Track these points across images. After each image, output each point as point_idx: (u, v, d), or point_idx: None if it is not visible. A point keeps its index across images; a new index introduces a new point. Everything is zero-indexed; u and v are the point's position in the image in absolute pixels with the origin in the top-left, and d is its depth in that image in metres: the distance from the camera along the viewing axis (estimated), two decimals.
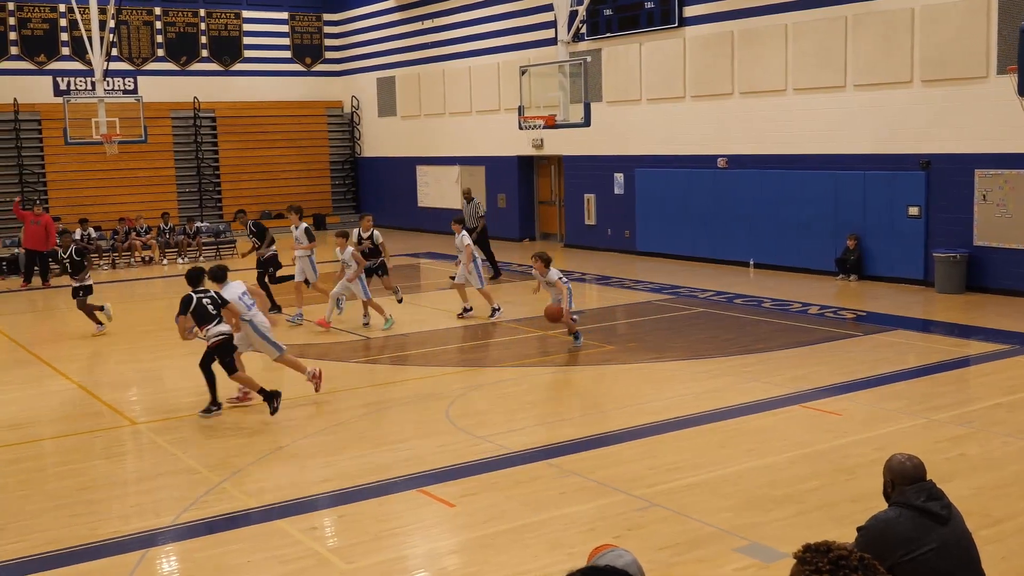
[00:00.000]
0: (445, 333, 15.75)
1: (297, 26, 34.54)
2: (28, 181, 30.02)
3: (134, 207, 28.62)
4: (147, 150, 29.06)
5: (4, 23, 29.92)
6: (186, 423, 11.09)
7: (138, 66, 31.76)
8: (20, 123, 29.90)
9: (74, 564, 7.34)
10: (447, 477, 8.97)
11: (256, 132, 33.22)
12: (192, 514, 8.23)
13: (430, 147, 31.29)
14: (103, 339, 15.97)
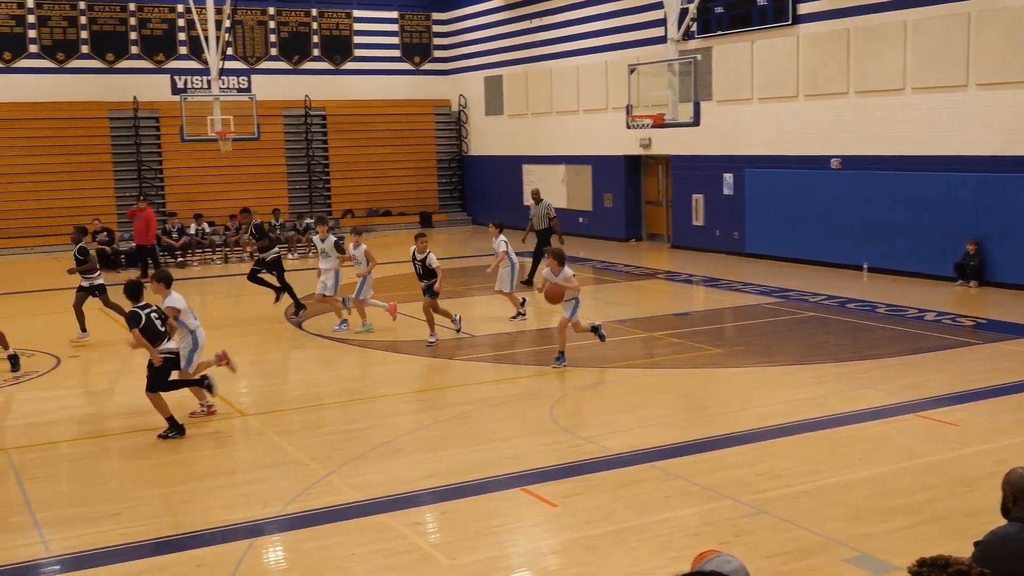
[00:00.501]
0: (549, 332, 15.67)
1: (406, 25, 34.92)
2: (146, 177, 30.99)
3: (246, 203, 29.26)
4: (259, 147, 29.72)
5: (125, 23, 30.95)
6: (294, 416, 11.26)
7: (252, 65, 32.51)
8: (139, 120, 30.88)
9: (185, 550, 7.50)
10: (550, 477, 8.91)
11: (365, 130, 33.70)
12: (298, 505, 8.34)
13: (536, 146, 31.28)
14: (214, 332, 16.29)
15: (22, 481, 9.11)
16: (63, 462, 9.99)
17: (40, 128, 29.54)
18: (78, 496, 8.75)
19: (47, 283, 22.72)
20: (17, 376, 13.24)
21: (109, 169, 30.57)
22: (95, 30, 30.54)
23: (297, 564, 7.31)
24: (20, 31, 29.73)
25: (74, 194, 29.37)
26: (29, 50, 29.84)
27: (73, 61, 30.37)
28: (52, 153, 29.54)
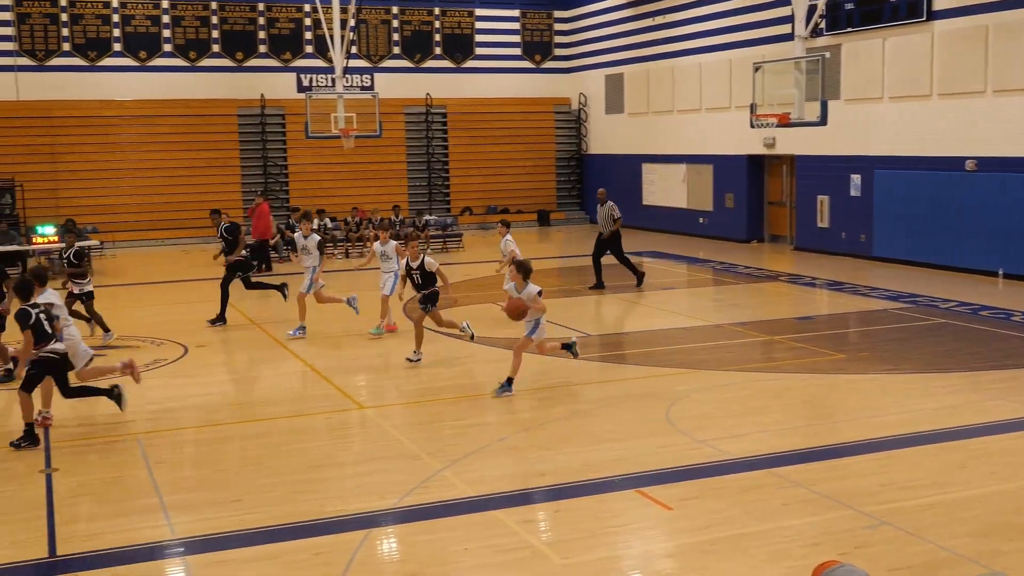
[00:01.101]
0: (667, 333, 15.48)
1: (528, 23, 34.99)
2: (271, 173, 31.81)
3: (367, 199, 29.78)
4: (381, 144, 30.16)
5: (254, 23, 31.82)
6: (410, 410, 11.36)
7: (375, 63, 33.04)
8: (266, 117, 31.70)
9: (302, 538, 7.62)
10: (666, 479, 8.77)
11: (485, 128, 33.90)
12: (413, 499, 8.39)
13: (657, 145, 30.97)
14: (333, 328, 16.58)
15: (150, 465, 9.40)
16: (188, 448, 10.29)
17: (172, 124, 30.61)
18: (202, 481, 8.99)
19: (177, 274, 23.51)
20: (147, 364, 13.70)
21: (236, 165, 31.48)
22: (225, 29, 31.48)
23: (411, 556, 7.35)
24: (155, 31, 30.85)
25: (202, 189, 30.33)
26: (163, 49, 30.93)
27: (204, 60, 31.36)
28: (183, 149, 30.58)
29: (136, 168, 30.32)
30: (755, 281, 20.74)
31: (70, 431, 10.62)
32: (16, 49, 29.51)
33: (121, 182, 30.15)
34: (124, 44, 30.55)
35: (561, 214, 34.72)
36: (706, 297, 19.42)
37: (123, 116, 30.43)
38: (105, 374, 11.27)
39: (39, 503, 8.42)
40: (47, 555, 7.40)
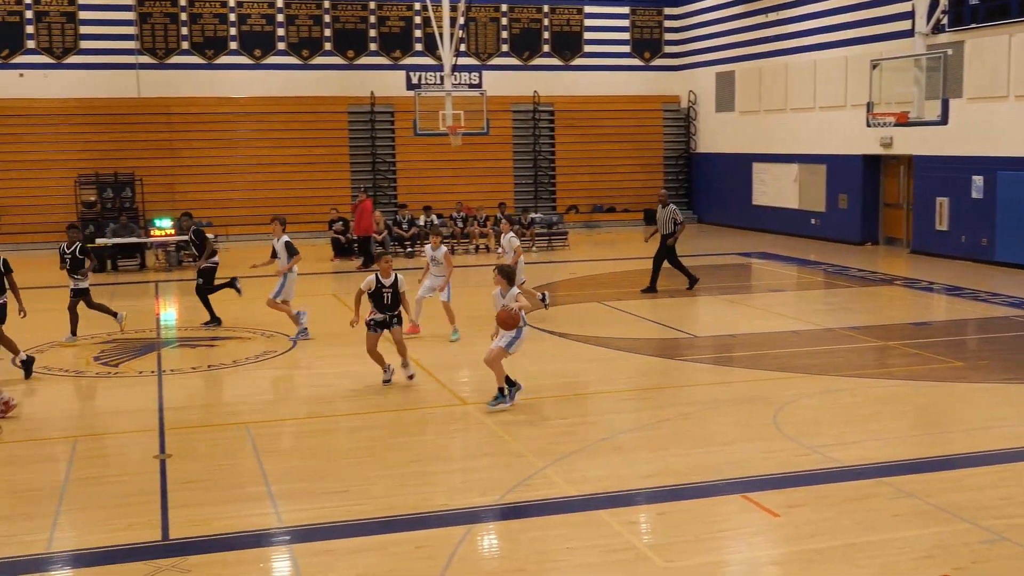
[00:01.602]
0: (775, 336, 15.16)
1: (638, 20, 34.72)
2: (380, 169, 32.23)
3: (473, 196, 29.93)
4: (487, 142, 30.28)
5: (366, 21, 32.29)
6: (513, 407, 11.33)
7: (483, 61, 33.19)
8: (375, 114, 32.13)
9: (406, 531, 7.67)
10: (772, 485, 8.58)
11: (592, 126, 33.75)
12: (515, 496, 8.38)
13: (768, 144, 30.39)
14: (438, 322, 16.68)
15: (259, 454, 9.59)
16: (296, 438, 10.47)
17: (284, 121, 31.27)
18: (309, 472, 9.13)
19: None
20: (257, 355, 14.00)
21: (346, 161, 31.99)
22: (337, 28, 32.01)
23: (512, 553, 7.33)
24: (270, 29, 31.54)
25: (313, 184, 30.91)
26: (277, 47, 31.61)
27: (316, 57, 31.94)
28: (294, 145, 31.21)
29: (249, 164, 31.06)
30: (869, 284, 20.17)
31: (183, 418, 10.90)
32: (138, 48, 30.51)
33: (235, 177, 30.92)
34: (240, 42, 31.32)
35: None
36: (817, 300, 18.97)
37: (238, 113, 31.20)
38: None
39: (153, 488, 8.66)
40: (160, 538, 7.60)
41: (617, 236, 30.51)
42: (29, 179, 29.38)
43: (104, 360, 13.79)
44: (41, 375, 12.97)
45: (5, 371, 12.76)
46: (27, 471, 9.37)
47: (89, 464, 9.51)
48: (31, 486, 8.81)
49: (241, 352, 14.21)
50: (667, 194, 20.36)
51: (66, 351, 14.42)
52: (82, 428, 10.83)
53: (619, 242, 28.90)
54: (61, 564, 7.26)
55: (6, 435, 10.49)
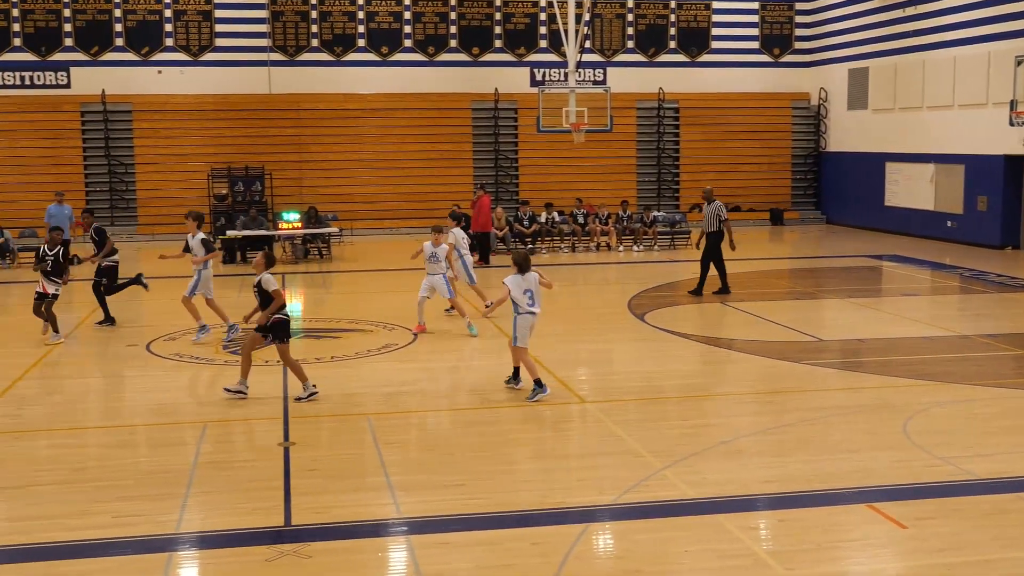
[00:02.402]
0: (907, 342, 14.64)
1: (767, 16, 34.01)
2: (502, 166, 32.38)
3: (595, 194, 29.80)
4: (611, 139, 30.10)
5: (491, 18, 32.46)
6: (632, 406, 11.24)
7: (608, 58, 33.00)
8: (499, 111, 32.28)
9: (522, 527, 7.66)
10: (900, 495, 8.27)
11: (718, 123, 33.22)
12: (633, 496, 8.28)
13: (902, 143, 29.39)
14: (555, 319, 16.64)
15: (379, 445, 9.72)
16: (414, 430, 10.58)
17: (410, 117, 31.69)
18: (427, 464, 9.20)
19: (408, 263, 24.23)
20: (379, 348, 14.20)
21: (469, 157, 32.23)
22: (463, 25, 32.28)
23: (629, 553, 7.24)
24: (397, 27, 31.99)
25: (436, 180, 31.24)
26: (404, 44, 32.04)
27: (442, 54, 32.26)
28: (419, 141, 31.60)
29: (374, 159, 31.59)
30: (1009, 290, 19.30)
31: (306, 407, 11.12)
32: (269, 45, 31.35)
33: (360, 172, 31.49)
34: (367, 40, 31.87)
35: (795, 213, 33.58)
36: (951, 306, 18.28)
37: (364, 109, 31.77)
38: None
39: (277, 474, 8.86)
40: (283, 524, 7.76)
41: (742, 236, 29.87)
42: (165, 172, 30.52)
43: (232, 349, 14.18)
44: (173, 361, 13.42)
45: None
46: (159, 453, 9.70)
47: (217, 449, 9.79)
48: (163, 468, 9.11)
49: (363, 344, 14.44)
50: (712, 190, 19.61)
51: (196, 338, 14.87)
52: (211, 414, 11.15)
53: (744, 242, 28.26)
54: (189, 544, 7.47)
55: (141, 418, 10.89)
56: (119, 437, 10.33)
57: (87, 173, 30.57)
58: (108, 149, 30.51)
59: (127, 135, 30.70)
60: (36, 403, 11.50)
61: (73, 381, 12.70)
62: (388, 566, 7.23)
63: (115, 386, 12.65)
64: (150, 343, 14.55)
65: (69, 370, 13.28)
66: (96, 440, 10.29)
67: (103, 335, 15.54)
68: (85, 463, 9.41)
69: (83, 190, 30.22)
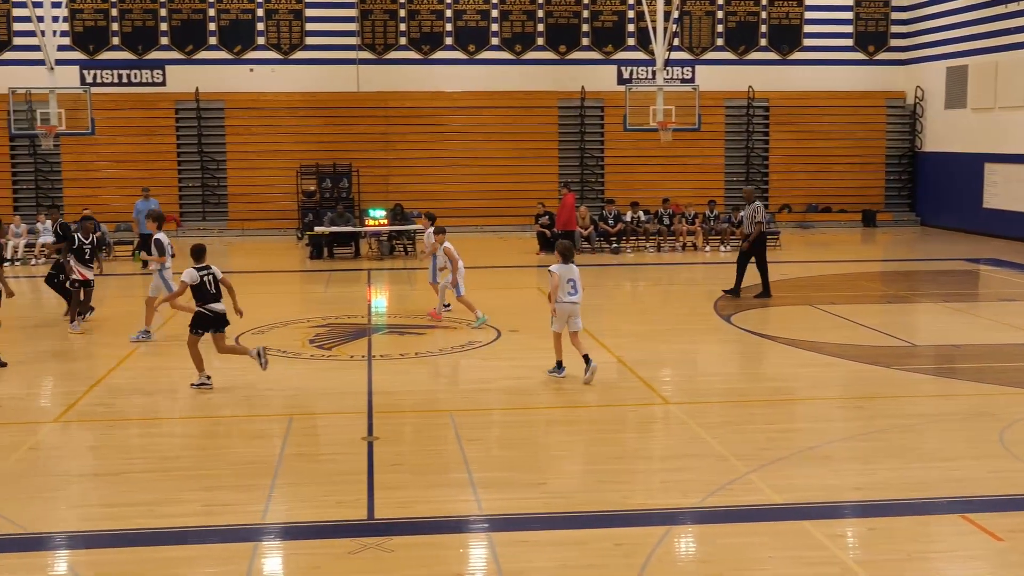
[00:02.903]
0: (1005, 349, 14.18)
1: (862, 13, 33.27)
2: (587, 164, 32.26)
3: (682, 193, 29.51)
4: (698, 138, 29.76)
5: (578, 16, 32.36)
6: (717, 409, 11.09)
7: (697, 55, 32.65)
8: (585, 109, 32.17)
9: (604, 528, 7.60)
10: (997, 507, 7.99)
11: (809, 122, 32.60)
12: (717, 499, 8.15)
13: (1003, 143, 28.46)
14: (643, 320, 16.51)
15: (461, 442, 9.74)
16: (496, 428, 10.58)
17: (496, 115, 31.76)
18: (509, 462, 9.19)
19: (493, 260, 24.32)
20: (463, 345, 14.25)
21: (554, 156, 32.18)
22: (550, 23, 32.24)
23: (712, 557, 7.14)
24: (484, 25, 32.10)
25: (521, 178, 31.25)
26: (491, 42, 32.14)
27: (529, 52, 32.27)
28: (504, 139, 31.65)
29: (460, 157, 31.72)
30: None
31: (390, 402, 11.21)
32: (358, 44, 31.72)
33: (446, 170, 31.65)
34: (455, 38, 32.04)
35: (888, 215, 32.80)
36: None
37: (451, 107, 31.95)
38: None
39: (361, 468, 8.93)
40: (366, 517, 7.82)
41: (833, 237, 29.41)
42: (255, 169, 31.09)
43: (319, 343, 14.37)
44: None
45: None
46: (247, 445, 9.87)
47: (302, 441, 9.92)
48: (250, 459, 9.26)
49: (447, 341, 14.51)
50: (753, 190, 19.12)
51: (285, 333, 15.09)
52: (297, 407, 11.31)
53: (835, 243, 27.84)
54: (274, 535, 7.58)
55: (228, 410, 11.10)
56: (207, 428, 10.54)
57: (180, 169, 31.30)
58: (201, 146, 31.19)
59: (219, 132, 31.35)
60: (128, 393, 11.79)
61: (163, 372, 12.99)
62: (469, 562, 7.23)
63: None
64: (238, 336, 14.81)
65: (159, 361, 13.59)
66: (185, 430, 10.52)
67: None
68: (175, 452, 9.62)
69: (176, 186, 30.96)
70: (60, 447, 9.87)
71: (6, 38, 30.88)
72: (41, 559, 7.25)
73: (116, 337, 14.76)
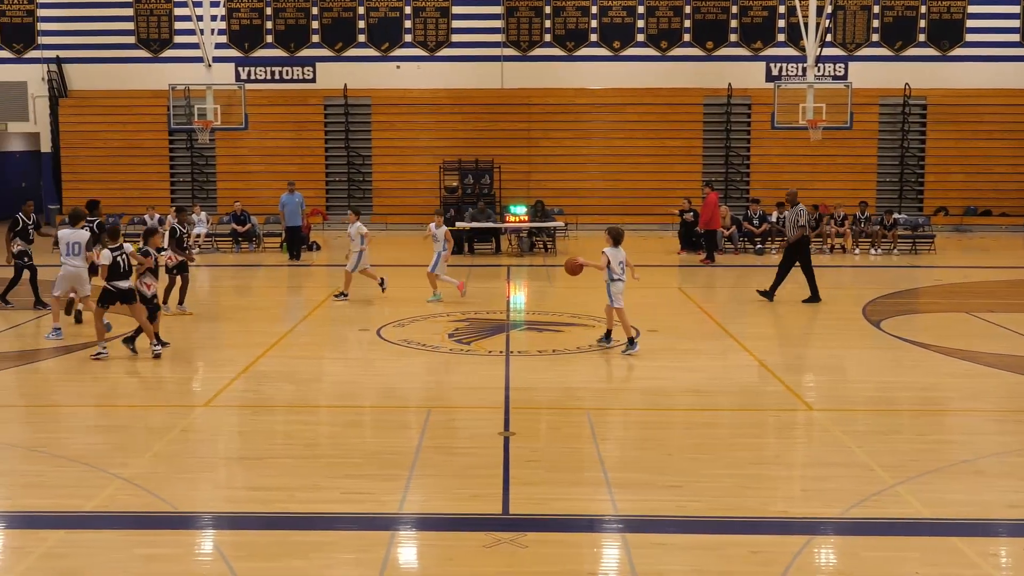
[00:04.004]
0: None
1: None
2: (733, 163, 31.68)
3: (831, 194, 28.69)
4: (849, 137, 28.92)
5: (727, 12, 31.78)
6: (863, 417, 10.71)
7: (850, 52, 31.68)
8: (732, 107, 31.59)
9: (741, 534, 7.41)
10: None
11: (969, 121, 31.25)
12: (861, 511, 7.86)
13: None
14: (787, 323, 16.09)
15: (597, 441, 9.67)
16: (633, 428, 10.46)
17: (639, 113, 31.54)
18: (645, 463, 9.06)
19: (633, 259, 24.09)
20: (608, 345, 14.16)
21: (698, 154, 31.76)
22: (697, 19, 31.81)
23: (855, 570, 6.87)
24: (630, 21, 31.91)
25: (664, 177, 30.95)
26: (636, 39, 31.92)
27: (674, 49, 31.91)
28: (647, 137, 31.40)
29: (602, 154, 31.61)
30: None
31: (527, 398, 11.22)
32: (503, 40, 31.93)
33: (588, 167, 31.59)
34: (600, 35, 31.93)
35: None
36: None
37: (594, 104, 31.85)
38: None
39: (497, 463, 8.96)
40: (500, 512, 7.83)
41: (993, 241, 28.12)
42: (400, 164, 31.67)
43: (458, 338, 14.51)
44: (401, 347, 13.86)
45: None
46: (387, 435, 10.03)
47: (440, 434, 10.02)
48: (389, 449, 9.40)
49: (585, 339, 14.44)
50: (796, 192, 18.24)
51: (425, 326, 15.30)
52: (435, 399, 11.44)
53: (995, 248, 26.61)
54: (410, 525, 7.66)
55: (369, 400, 11.32)
56: (348, 417, 10.75)
57: (327, 164, 32.14)
58: (347, 141, 31.96)
59: (366, 128, 32.07)
60: (274, 380, 12.15)
61: (308, 361, 13.33)
62: (603, 562, 7.16)
63: (346, 368, 13.19)
64: (380, 328, 15.09)
65: (304, 351, 13.96)
66: (328, 419, 10.76)
67: (337, 317, 16.29)
68: (317, 440, 9.85)
69: (323, 180, 31.83)
70: (209, 430, 10.23)
71: (168, 37, 32.28)
72: (189, 537, 7.52)
73: (265, 324, 15.21)
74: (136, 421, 10.38)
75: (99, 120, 32.00)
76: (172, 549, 7.18)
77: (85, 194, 31.06)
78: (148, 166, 31.82)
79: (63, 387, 12.23)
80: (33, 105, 32.72)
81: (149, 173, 31.75)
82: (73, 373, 12.73)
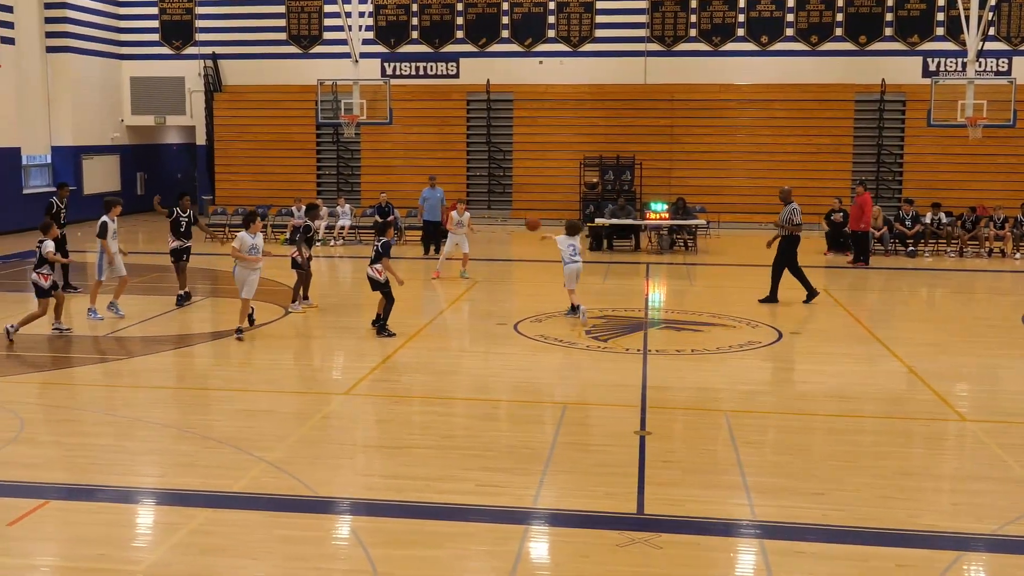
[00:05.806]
0: None
1: None
2: (884, 161, 30.61)
3: (990, 195, 27.41)
4: (1013, 135, 27.55)
5: (881, 4, 30.71)
6: (1021, 429, 10.16)
7: (1014, 46, 30.19)
8: (885, 103, 30.52)
9: (885, 546, 7.13)
10: None
11: None
12: (1016, 528, 7.46)
13: None
14: (940, 329, 15.47)
15: (736, 443, 9.45)
16: (774, 432, 10.19)
17: (787, 109, 30.77)
18: (786, 468, 8.82)
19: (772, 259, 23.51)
20: (741, 344, 13.86)
21: (848, 152, 30.79)
22: (850, 12, 30.85)
23: None
24: (779, 15, 31.13)
25: (811, 175, 30.08)
26: (785, 33, 31.15)
27: (825, 44, 31.02)
28: (795, 134, 30.61)
29: (747, 151, 30.97)
30: None
31: (664, 398, 11.07)
32: (647, 36, 31.62)
33: (731, 164, 31.00)
34: (747, 29, 31.29)
35: None
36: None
37: (740, 100, 31.23)
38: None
39: (632, 461, 8.86)
40: (635, 511, 7.74)
41: None
42: (540, 160, 31.73)
43: (595, 335, 14.43)
44: (538, 342, 13.87)
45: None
46: (521, 430, 10.05)
47: (575, 430, 9.97)
48: (524, 444, 9.41)
49: (725, 340, 14.17)
50: (789, 191, 17.55)
51: (562, 322, 15.27)
52: (571, 396, 11.40)
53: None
54: (543, 520, 7.64)
55: (505, 395, 11.36)
56: (485, 410, 10.81)
57: (469, 159, 32.45)
58: (489, 136, 32.20)
59: (507, 123, 32.24)
60: (413, 372, 12.32)
61: (446, 354, 13.48)
62: (739, 568, 6.98)
63: (483, 362, 13.27)
64: (517, 323, 15.13)
65: (443, 343, 14.12)
66: (464, 411, 10.84)
67: (474, 311, 16.42)
68: (453, 431, 9.94)
69: (464, 175, 32.14)
70: (349, 418, 10.44)
71: (317, 33, 33.15)
72: (327, 521, 7.67)
73: (407, 316, 15.45)
74: (280, 407, 10.68)
75: (251, 114, 33.12)
76: (311, 532, 7.34)
77: (237, 186, 32.37)
78: (296, 159, 32.76)
79: (213, 371, 12.70)
80: (190, 99, 34.08)
81: (297, 166, 32.69)
82: (221, 358, 13.20)
